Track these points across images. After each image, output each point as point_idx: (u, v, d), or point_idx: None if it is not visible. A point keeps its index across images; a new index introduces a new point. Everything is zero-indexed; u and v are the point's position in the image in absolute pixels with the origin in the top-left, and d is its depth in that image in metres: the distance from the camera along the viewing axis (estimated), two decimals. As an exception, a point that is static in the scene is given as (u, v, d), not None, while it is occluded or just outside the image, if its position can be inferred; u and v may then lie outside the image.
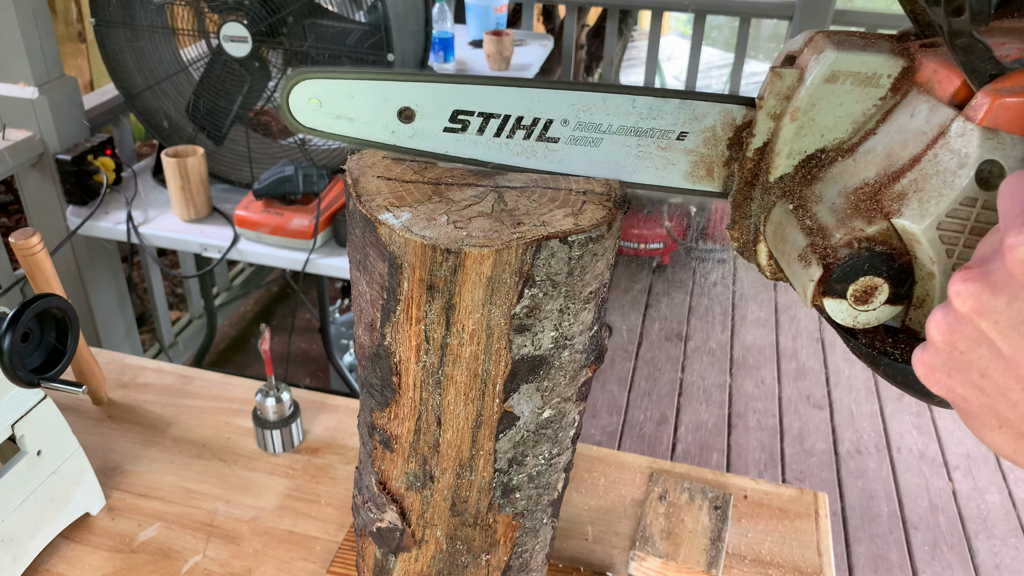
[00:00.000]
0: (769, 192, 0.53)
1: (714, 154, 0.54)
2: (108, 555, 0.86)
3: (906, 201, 0.45)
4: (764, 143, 0.52)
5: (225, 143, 1.86)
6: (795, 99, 0.49)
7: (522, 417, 0.59)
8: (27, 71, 1.78)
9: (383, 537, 0.69)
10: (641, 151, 0.54)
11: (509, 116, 0.53)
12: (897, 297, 0.47)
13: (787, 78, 0.49)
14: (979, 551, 2.18)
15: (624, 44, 5.21)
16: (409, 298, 0.53)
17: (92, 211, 1.84)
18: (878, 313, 0.48)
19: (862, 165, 0.49)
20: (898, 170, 0.46)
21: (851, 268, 0.46)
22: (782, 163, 0.52)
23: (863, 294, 0.47)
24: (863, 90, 0.49)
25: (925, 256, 0.45)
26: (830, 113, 0.50)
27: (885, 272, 0.46)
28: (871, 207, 0.47)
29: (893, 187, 0.46)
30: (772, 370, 2.83)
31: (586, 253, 0.52)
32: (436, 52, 2.56)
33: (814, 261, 0.47)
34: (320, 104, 0.54)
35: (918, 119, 0.46)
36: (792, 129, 0.50)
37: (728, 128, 0.53)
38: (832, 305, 0.47)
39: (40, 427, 0.81)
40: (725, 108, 0.53)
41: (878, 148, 0.48)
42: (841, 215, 0.47)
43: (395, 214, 0.51)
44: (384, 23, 1.66)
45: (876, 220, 0.46)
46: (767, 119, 0.51)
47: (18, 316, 0.73)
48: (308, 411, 1.06)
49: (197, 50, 1.83)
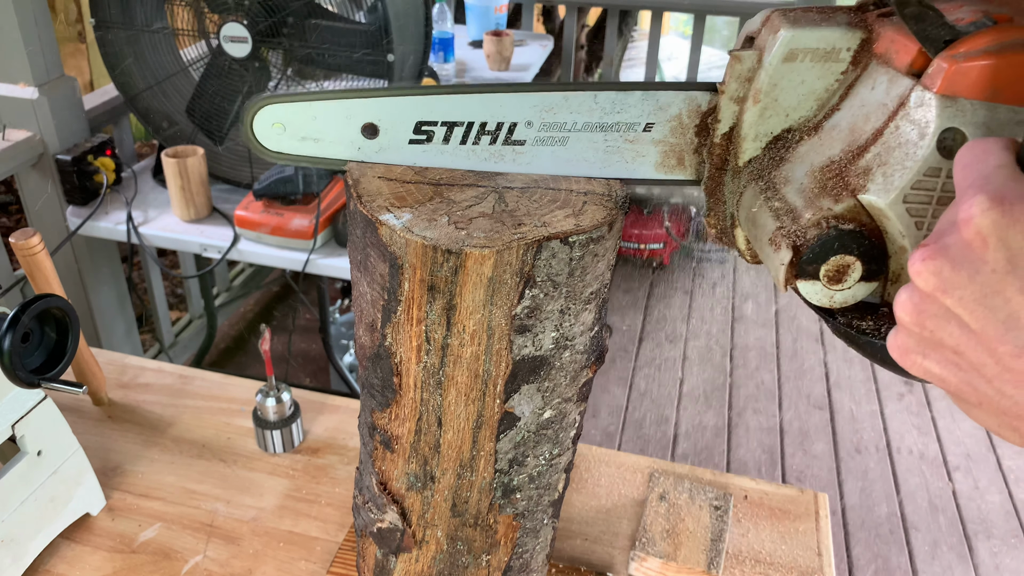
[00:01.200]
0: (740, 176, 0.52)
1: (682, 142, 0.54)
2: (108, 555, 0.86)
3: (871, 176, 0.44)
4: (730, 127, 0.51)
5: (225, 143, 1.86)
6: (756, 81, 0.49)
7: (523, 418, 0.59)
8: (27, 71, 1.78)
9: (384, 537, 0.68)
10: (609, 146, 0.54)
11: (472, 123, 0.54)
12: (872, 273, 0.47)
13: (746, 60, 0.49)
14: (979, 551, 2.18)
15: (624, 44, 5.21)
16: (410, 298, 0.53)
17: (92, 211, 1.84)
18: (854, 291, 0.47)
19: (827, 142, 0.48)
20: (862, 145, 0.46)
21: (821, 248, 0.46)
22: (750, 146, 0.51)
23: (836, 273, 0.46)
24: (823, 66, 0.48)
25: (895, 230, 0.45)
26: (792, 92, 0.49)
27: (856, 249, 0.46)
28: (837, 185, 0.46)
29: (858, 163, 0.45)
30: (772, 370, 2.83)
31: (587, 254, 0.52)
32: (436, 52, 2.56)
33: (783, 244, 0.47)
34: (284, 128, 0.55)
35: (878, 91, 0.46)
36: (756, 111, 0.50)
37: (694, 115, 0.53)
38: (806, 287, 0.47)
39: (40, 427, 0.81)
40: (689, 95, 0.52)
41: (842, 124, 0.48)
42: (809, 195, 0.47)
43: (396, 215, 0.51)
44: (384, 23, 1.66)
45: (843, 198, 0.45)
46: (731, 103, 0.51)
47: (18, 316, 0.73)
48: (308, 411, 1.06)
49: (197, 50, 1.83)
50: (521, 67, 2.74)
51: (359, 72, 1.75)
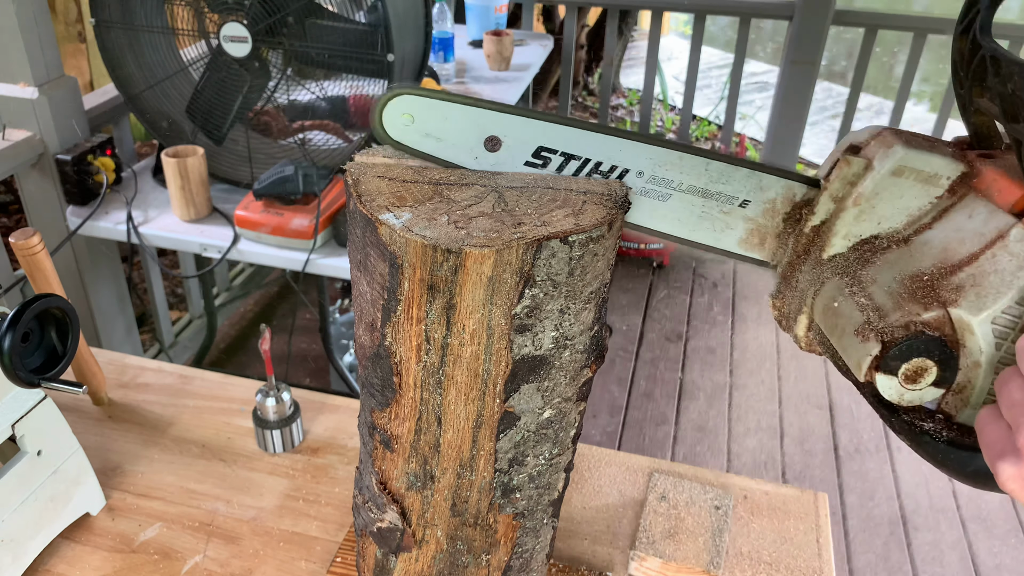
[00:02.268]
0: (821, 268, 0.56)
1: (770, 225, 0.57)
2: (108, 555, 0.86)
3: (964, 293, 0.48)
4: (822, 222, 0.55)
5: (225, 143, 1.86)
6: (860, 185, 0.53)
7: (523, 417, 0.59)
8: (27, 71, 1.78)
9: (383, 537, 0.69)
10: (704, 212, 0.57)
11: (589, 160, 0.56)
12: (943, 380, 0.50)
13: (855, 166, 0.53)
14: (979, 551, 2.18)
15: (624, 44, 5.21)
16: (410, 298, 0.53)
17: (92, 211, 1.84)
18: (922, 393, 0.51)
19: (917, 255, 0.52)
20: (955, 264, 0.50)
21: (907, 348, 0.49)
22: (838, 243, 0.55)
23: (914, 374, 0.50)
24: (923, 187, 0.52)
25: (975, 346, 0.49)
26: (890, 203, 0.53)
27: (937, 356, 0.49)
28: (927, 295, 0.50)
29: (951, 279, 0.49)
30: (772, 370, 2.83)
31: (587, 253, 0.52)
32: (436, 52, 2.56)
33: (872, 337, 0.50)
34: (413, 120, 0.56)
35: (976, 220, 0.50)
36: (853, 213, 0.53)
37: (787, 203, 0.56)
38: (883, 381, 0.50)
39: (40, 427, 0.81)
40: (788, 184, 0.56)
41: (934, 241, 0.52)
42: (898, 298, 0.51)
43: (396, 214, 0.51)
44: (384, 23, 1.66)
45: (933, 307, 0.49)
46: (829, 200, 0.54)
47: (18, 316, 0.73)
48: (308, 411, 1.06)
49: (197, 50, 1.83)
50: (521, 67, 2.74)
51: (359, 72, 1.75)
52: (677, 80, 5.64)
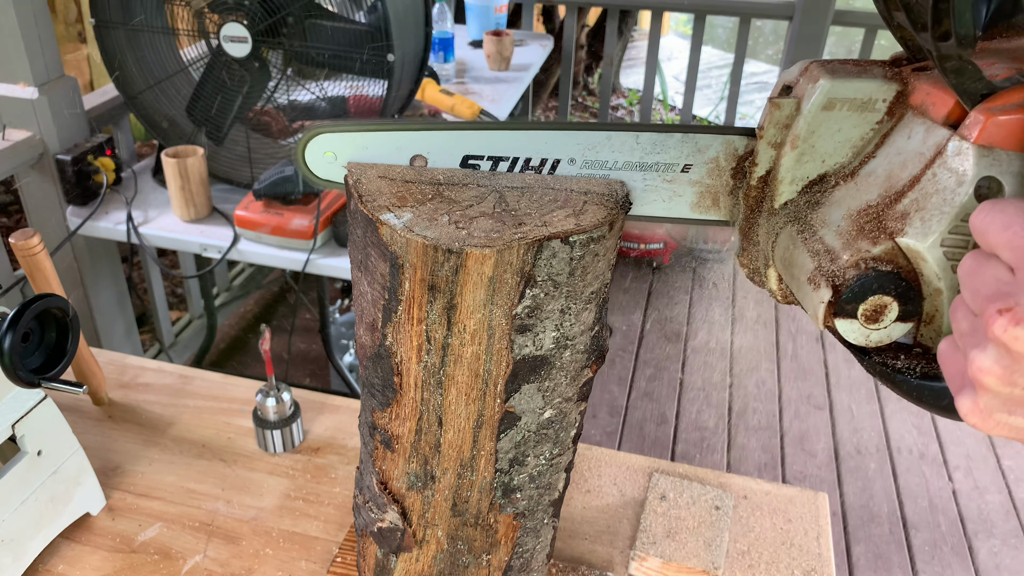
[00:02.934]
0: (775, 218, 0.54)
1: (719, 184, 0.56)
2: (108, 555, 0.86)
3: (909, 220, 0.46)
4: (767, 171, 0.53)
5: (225, 143, 1.86)
6: (794, 127, 0.51)
7: (523, 417, 0.59)
8: (27, 71, 1.78)
9: (384, 537, 0.68)
10: (647, 184, 0.56)
11: (518, 158, 0.56)
12: (907, 314, 0.48)
13: (785, 107, 0.51)
14: (979, 551, 2.18)
15: (624, 44, 5.21)
16: (410, 298, 0.53)
17: (92, 211, 1.84)
18: (889, 331, 0.49)
19: (864, 188, 0.50)
20: (899, 191, 0.47)
21: (860, 288, 0.47)
22: (786, 189, 0.53)
23: (873, 313, 0.48)
24: (860, 115, 0.50)
25: (931, 273, 0.47)
26: (829, 139, 0.51)
27: (893, 290, 0.47)
28: (875, 228, 0.48)
29: (895, 207, 0.47)
30: (772, 370, 2.83)
31: (587, 253, 0.52)
32: (436, 52, 2.55)
33: (823, 283, 0.48)
34: (336, 156, 0.57)
35: (915, 140, 0.48)
36: (793, 157, 0.51)
37: (731, 158, 0.55)
38: (844, 325, 0.49)
39: (40, 427, 0.81)
40: (727, 139, 0.54)
41: (878, 170, 0.50)
42: (847, 237, 0.49)
43: (396, 214, 0.51)
44: (384, 23, 1.66)
45: (881, 240, 0.47)
46: (768, 148, 0.52)
47: (18, 316, 0.73)
48: (308, 411, 1.06)
49: (197, 50, 1.83)
50: (521, 67, 2.74)
51: (359, 72, 1.75)
52: (677, 80, 5.65)
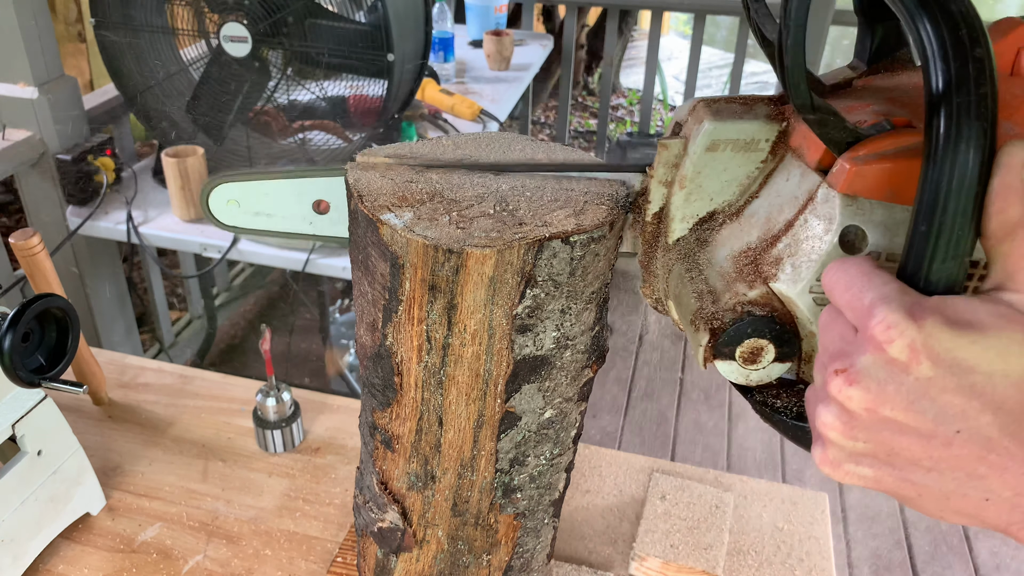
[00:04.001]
0: (669, 254, 0.55)
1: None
2: (108, 555, 0.86)
3: (781, 266, 0.47)
4: (660, 208, 0.53)
5: (225, 143, 1.86)
6: (681, 168, 0.51)
7: (524, 417, 0.59)
8: (27, 71, 1.78)
9: (384, 537, 0.68)
10: None
11: None
12: (785, 355, 0.49)
13: (672, 148, 0.51)
14: (979, 551, 2.18)
15: (624, 44, 5.21)
16: (411, 298, 0.53)
17: (92, 211, 1.84)
18: (768, 371, 0.50)
19: (746, 228, 0.50)
20: (775, 235, 0.48)
21: (735, 332, 0.48)
22: (677, 227, 0.53)
23: (751, 355, 0.49)
24: (744, 155, 0.50)
25: (804, 317, 0.47)
26: (716, 179, 0.51)
27: (768, 334, 0.48)
28: (752, 271, 0.48)
29: (771, 251, 0.48)
30: (772, 370, 2.83)
31: (588, 253, 0.52)
32: (436, 52, 2.55)
33: (702, 326, 0.49)
34: (239, 204, 0.58)
35: (791, 184, 0.48)
36: (682, 195, 0.52)
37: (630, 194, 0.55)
38: (724, 366, 0.49)
39: (40, 427, 0.81)
40: (623, 177, 0.55)
41: (760, 212, 0.50)
42: (727, 279, 0.49)
43: (397, 214, 0.51)
44: (384, 23, 1.65)
45: (756, 285, 0.48)
46: (659, 186, 0.53)
47: (18, 316, 0.73)
48: (308, 411, 1.06)
49: (197, 50, 1.83)
50: (521, 67, 2.74)
51: (359, 72, 1.75)
52: (677, 80, 5.64)
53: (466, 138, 0.61)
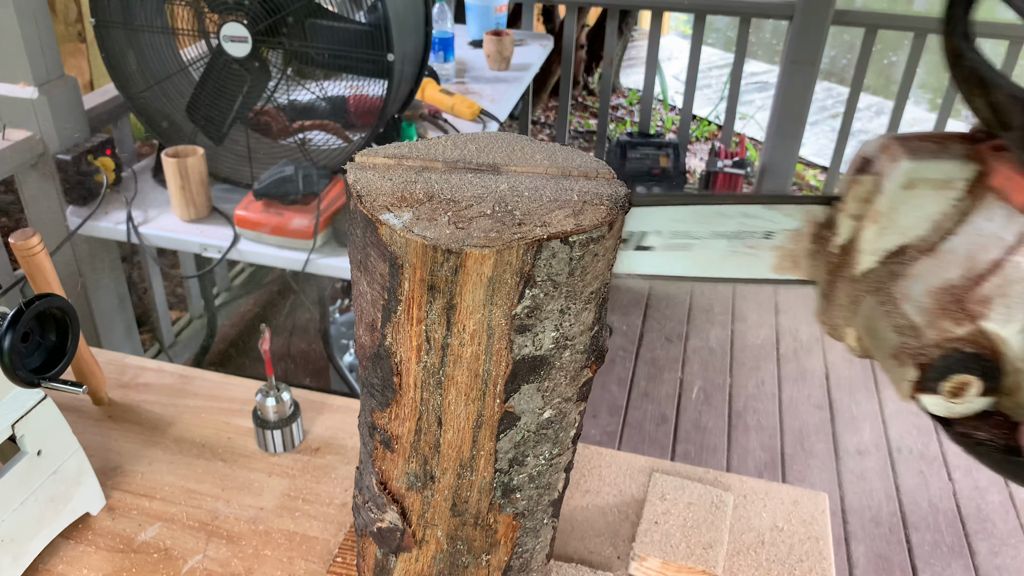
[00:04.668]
0: (856, 285, 0.55)
1: (799, 248, 0.58)
2: (108, 555, 0.86)
3: (992, 306, 0.47)
4: (847, 240, 0.54)
5: (225, 143, 1.86)
6: (875, 203, 0.52)
7: (523, 417, 0.59)
8: (27, 71, 1.78)
9: (384, 537, 0.68)
10: (731, 251, 0.58)
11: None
12: (990, 390, 0.49)
13: (865, 184, 0.52)
14: (979, 551, 2.18)
15: (624, 44, 5.21)
16: (410, 298, 0.53)
17: (92, 211, 1.84)
18: (972, 405, 0.50)
19: (945, 264, 0.51)
20: (980, 273, 0.48)
21: (944, 367, 0.48)
22: (867, 260, 0.54)
23: (957, 389, 0.49)
24: (940, 193, 0.51)
25: (1013, 355, 0.48)
26: (910, 215, 0.52)
27: (977, 371, 0.48)
28: (958, 309, 0.49)
29: (977, 290, 0.48)
30: (772, 370, 2.83)
31: (587, 253, 0.52)
32: (436, 52, 2.56)
33: (908, 362, 0.49)
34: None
35: (995, 224, 0.48)
36: (874, 230, 0.53)
37: (811, 225, 0.57)
38: (928, 400, 0.50)
39: (40, 427, 0.81)
40: (807, 209, 0.56)
41: (959, 249, 0.50)
42: (929, 315, 0.50)
43: (396, 214, 0.51)
44: (384, 23, 1.66)
45: (964, 323, 0.48)
46: (848, 220, 0.54)
47: (18, 316, 0.73)
48: (308, 411, 1.06)
49: (197, 50, 1.83)
50: (521, 67, 2.74)
51: (359, 72, 1.75)
52: (677, 80, 5.64)
53: (466, 138, 0.61)
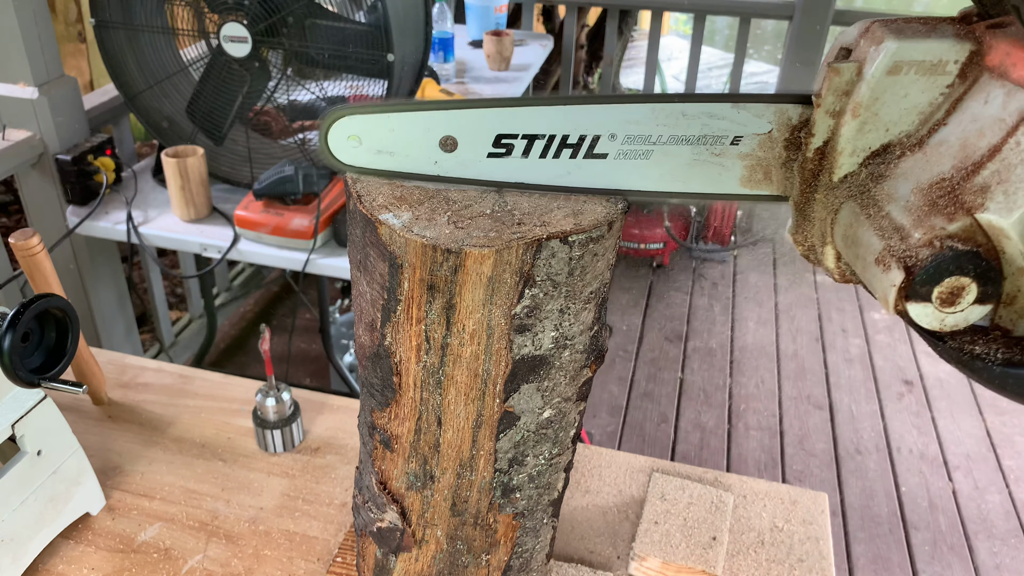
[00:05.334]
0: (834, 192, 0.50)
1: (771, 156, 0.52)
2: (108, 555, 0.86)
3: (990, 194, 0.42)
4: (824, 142, 0.49)
5: (225, 143, 1.86)
6: (855, 94, 0.47)
7: (522, 417, 0.59)
8: (27, 71, 1.78)
9: (383, 537, 0.68)
10: (694, 159, 0.52)
11: (554, 136, 0.52)
12: (986, 296, 0.44)
13: (845, 73, 0.47)
14: (979, 551, 2.18)
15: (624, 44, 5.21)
16: (409, 298, 0.53)
17: (92, 211, 1.84)
18: (966, 314, 0.45)
19: (935, 158, 0.46)
20: (977, 161, 0.43)
21: (935, 269, 0.43)
22: (846, 162, 0.49)
23: (949, 296, 0.44)
24: (928, 79, 0.46)
25: (1015, 251, 0.43)
26: (894, 106, 0.47)
27: (972, 271, 0.43)
28: (950, 203, 0.44)
29: (973, 180, 0.43)
30: (772, 370, 2.83)
31: (587, 253, 0.52)
32: (436, 52, 2.55)
33: (893, 265, 0.44)
34: (360, 141, 0.53)
35: (993, 105, 0.44)
36: (854, 126, 0.48)
37: (784, 128, 0.51)
38: (916, 309, 0.45)
39: (40, 427, 0.81)
40: (779, 108, 0.50)
41: (951, 139, 0.46)
42: (918, 213, 0.45)
43: (395, 214, 0.51)
44: (384, 23, 1.65)
45: (958, 216, 0.43)
46: (826, 117, 0.48)
47: (18, 316, 0.73)
48: (308, 411, 1.06)
49: (197, 50, 1.83)
50: (521, 67, 2.74)
51: (359, 72, 1.75)
52: (677, 80, 5.64)
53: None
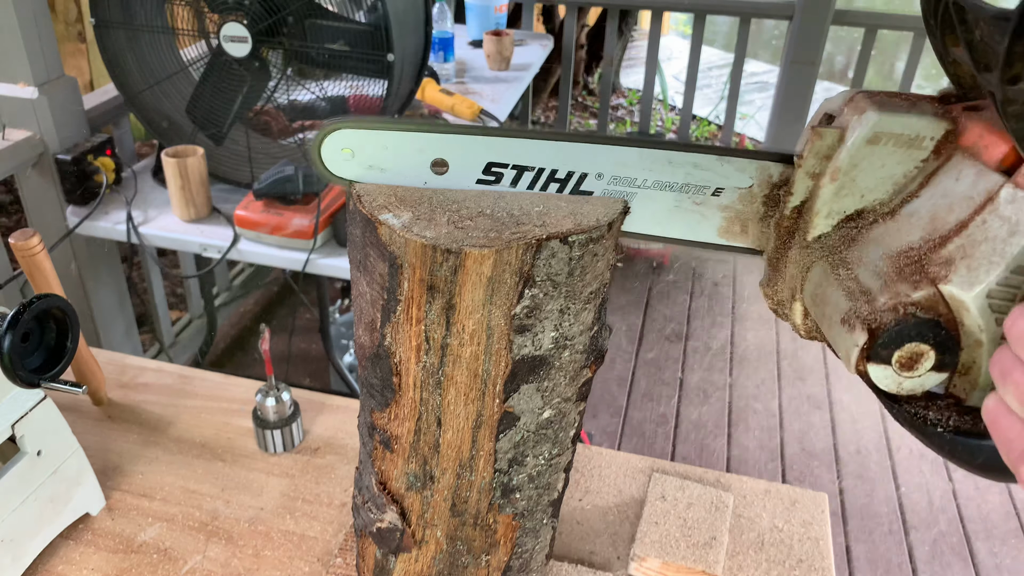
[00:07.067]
0: (808, 251, 0.52)
1: (749, 210, 0.54)
2: (108, 555, 0.86)
3: (954, 267, 0.44)
4: (802, 201, 0.51)
5: (225, 143, 1.86)
6: (836, 159, 0.49)
7: (522, 417, 0.59)
8: (27, 71, 1.78)
9: (383, 537, 0.68)
10: (676, 206, 0.54)
11: (543, 169, 0.54)
12: (943, 364, 0.46)
13: (827, 137, 0.49)
14: (979, 552, 2.18)
15: (624, 44, 5.21)
16: (409, 298, 0.53)
17: (92, 211, 1.84)
18: (923, 380, 0.47)
19: (905, 228, 0.48)
20: (944, 235, 0.45)
21: (897, 334, 0.45)
22: (821, 223, 0.51)
23: (909, 360, 0.46)
24: (905, 152, 0.48)
25: (973, 324, 0.45)
26: (871, 174, 0.49)
27: (932, 339, 0.45)
28: (917, 272, 0.46)
29: (939, 252, 0.45)
30: (772, 370, 2.83)
31: (586, 253, 0.52)
32: (436, 52, 2.55)
33: (858, 326, 0.46)
34: (353, 154, 0.54)
35: (963, 183, 0.46)
36: (832, 189, 0.50)
37: (764, 185, 0.53)
38: (877, 371, 0.46)
39: (40, 427, 0.81)
40: (762, 165, 0.52)
41: (921, 211, 0.48)
42: (885, 279, 0.47)
43: (395, 214, 0.51)
44: (384, 23, 1.66)
45: (923, 285, 0.45)
46: (806, 178, 0.50)
47: (18, 316, 0.73)
48: (308, 411, 1.06)
49: (197, 50, 1.83)
50: (521, 67, 2.74)
51: (359, 72, 1.75)
52: (677, 80, 5.64)
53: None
